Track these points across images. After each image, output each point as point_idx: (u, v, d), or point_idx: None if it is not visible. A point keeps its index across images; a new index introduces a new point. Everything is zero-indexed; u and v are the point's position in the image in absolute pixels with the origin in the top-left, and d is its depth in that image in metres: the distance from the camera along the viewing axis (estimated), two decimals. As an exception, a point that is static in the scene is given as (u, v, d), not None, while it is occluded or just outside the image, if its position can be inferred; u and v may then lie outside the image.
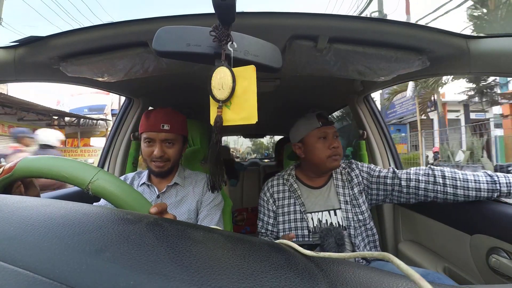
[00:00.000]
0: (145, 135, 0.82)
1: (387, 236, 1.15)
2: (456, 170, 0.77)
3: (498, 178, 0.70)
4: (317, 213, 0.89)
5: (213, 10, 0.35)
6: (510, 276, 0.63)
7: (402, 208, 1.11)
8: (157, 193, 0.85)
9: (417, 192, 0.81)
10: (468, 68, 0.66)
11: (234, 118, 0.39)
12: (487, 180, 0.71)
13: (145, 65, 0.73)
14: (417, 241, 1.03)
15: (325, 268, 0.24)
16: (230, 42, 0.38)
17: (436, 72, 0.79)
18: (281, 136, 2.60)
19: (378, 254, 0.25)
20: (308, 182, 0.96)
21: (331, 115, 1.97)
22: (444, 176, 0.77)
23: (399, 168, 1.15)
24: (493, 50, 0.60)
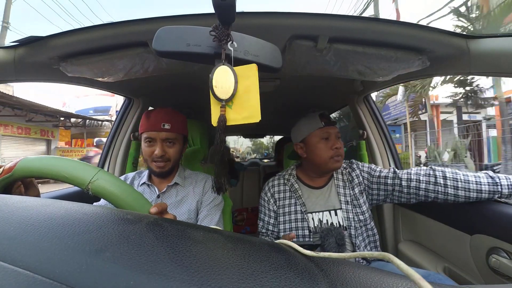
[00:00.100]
0: (145, 134, 0.82)
1: (387, 236, 1.15)
2: (457, 171, 0.77)
3: (499, 179, 0.70)
4: (317, 213, 0.89)
5: (213, 10, 0.35)
6: (510, 276, 0.63)
7: (402, 208, 1.11)
8: (157, 193, 0.85)
9: (417, 192, 0.81)
10: (468, 68, 0.66)
11: (237, 117, 0.39)
12: (489, 182, 0.71)
13: (145, 65, 0.73)
14: (417, 241, 1.03)
15: (325, 268, 0.24)
16: (230, 42, 0.38)
17: (436, 72, 0.79)
18: (281, 136, 2.60)
19: (378, 254, 0.25)
20: (309, 182, 0.96)
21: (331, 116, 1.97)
22: (445, 177, 0.76)
23: (399, 168, 1.15)
24: (493, 50, 0.60)
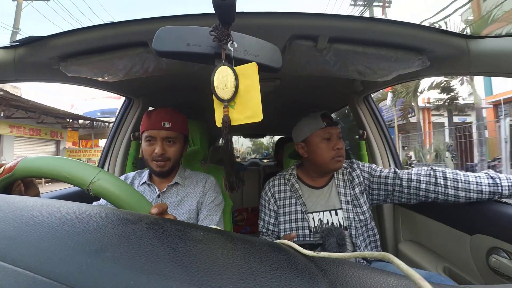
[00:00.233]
0: (146, 133, 0.82)
1: (387, 236, 1.15)
2: (458, 171, 0.77)
3: (500, 180, 0.70)
4: (318, 213, 0.89)
5: (213, 10, 0.35)
6: (510, 276, 0.62)
7: (402, 208, 1.11)
8: (158, 193, 0.85)
9: (418, 192, 0.81)
10: (468, 68, 0.66)
11: (240, 117, 0.39)
12: (489, 183, 0.71)
13: (145, 65, 0.73)
14: (417, 241, 1.03)
15: (326, 268, 0.24)
16: (230, 42, 0.38)
17: (436, 72, 0.79)
18: (281, 136, 2.60)
19: (378, 254, 0.25)
20: (309, 182, 0.96)
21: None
22: (445, 178, 0.76)
23: (399, 168, 1.15)
24: (493, 50, 0.60)
